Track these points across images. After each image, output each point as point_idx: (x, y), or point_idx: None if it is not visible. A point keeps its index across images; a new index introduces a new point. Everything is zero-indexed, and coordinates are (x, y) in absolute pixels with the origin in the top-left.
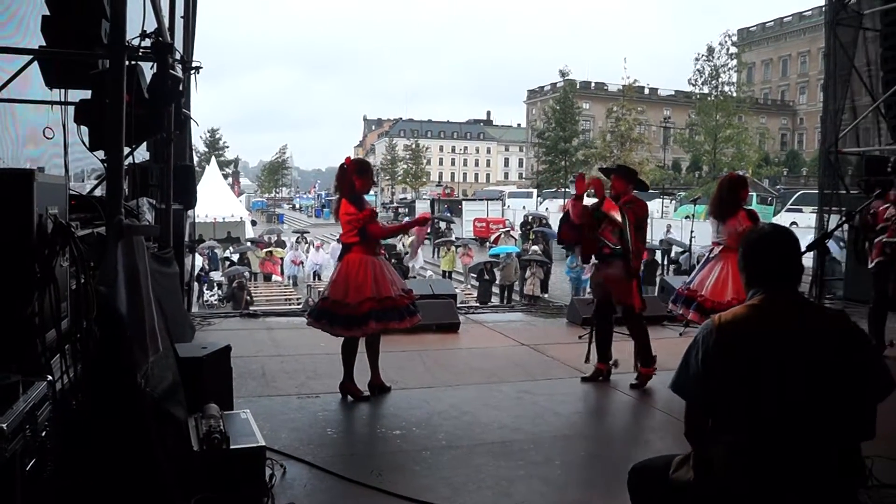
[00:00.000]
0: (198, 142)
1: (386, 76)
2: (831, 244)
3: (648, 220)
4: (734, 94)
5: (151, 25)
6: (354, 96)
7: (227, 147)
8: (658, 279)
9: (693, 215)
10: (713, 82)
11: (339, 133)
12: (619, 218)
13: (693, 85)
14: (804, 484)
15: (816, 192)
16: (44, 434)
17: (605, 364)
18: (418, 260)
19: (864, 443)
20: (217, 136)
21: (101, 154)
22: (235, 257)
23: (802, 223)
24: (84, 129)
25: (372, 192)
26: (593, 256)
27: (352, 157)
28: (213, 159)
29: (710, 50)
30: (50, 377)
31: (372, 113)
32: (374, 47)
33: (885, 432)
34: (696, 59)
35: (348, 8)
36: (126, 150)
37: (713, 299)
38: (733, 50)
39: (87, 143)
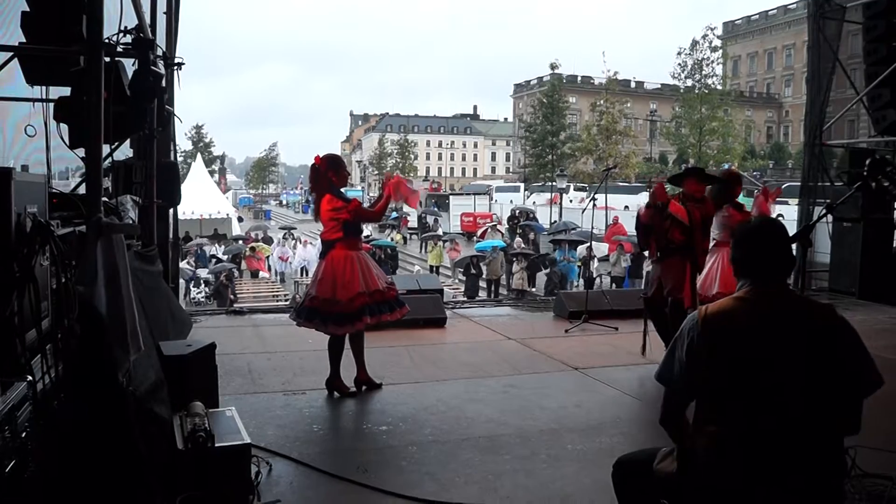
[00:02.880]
0: (182, 139)
1: (374, 73)
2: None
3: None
4: (718, 88)
5: (133, 22)
6: (343, 92)
7: (214, 145)
8: (645, 272)
9: None
10: (696, 76)
11: (326, 129)
12: (684, 218)
13: (675, 78)
14: (787, 476)
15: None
16: (24, 435)
17: None
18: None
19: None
20: (203, 132)
21: (81, 152)
22: (225, 257)
23: (789, 215)
24: (64, 126)
25: (359, 188)
26: (658, 252)
27: (321, 155)
28: (199, 156)
29: (693, 43)
30: (30, 377)
31: (358, 108)
32: (366, 45)
33: (867, 422)
34: (679, 53)
35: (344, 6)
36: (108, 147)
37: (701, 294)
38: (717, 43)
39: (66, 141)
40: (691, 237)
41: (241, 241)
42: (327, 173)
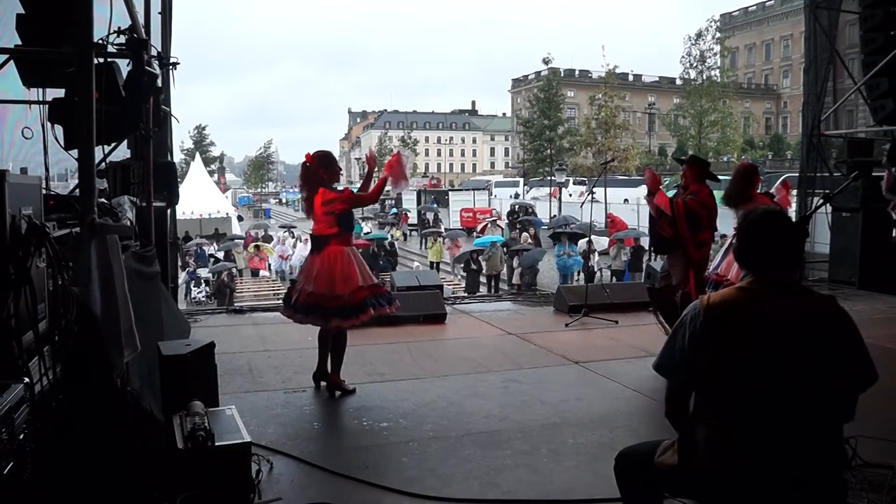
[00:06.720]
0: (185, 138)
1: (378, 71)
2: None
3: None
4: (718, 80)
5: (126, 23)
6: (345, 90)
7: (214, 145)
8: (644, 265)
9: None
10: (699, 67)
11: (326, 127)
12: (667, 209)
13: (683, 65)
14: (788, 467)
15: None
16: (21, 437)
17: None
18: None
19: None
20: (204, 132)
21: (76, 153)
22: (221, 254)
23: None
24: (59, 127)
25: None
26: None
27: (312, 153)
28: (198, 155)
29: (698, 34)
30: (27, 379)
31: (357, 105)
32: (374, 43)
33: (866, 412)
34: (685, 42)
35: (359, 5)
36: (105, 148)
37: (722, 275)
38: (718, 35)
39: (61, 143)
40: (675, 228)
41: (238, 240)
42: (318, 171)
